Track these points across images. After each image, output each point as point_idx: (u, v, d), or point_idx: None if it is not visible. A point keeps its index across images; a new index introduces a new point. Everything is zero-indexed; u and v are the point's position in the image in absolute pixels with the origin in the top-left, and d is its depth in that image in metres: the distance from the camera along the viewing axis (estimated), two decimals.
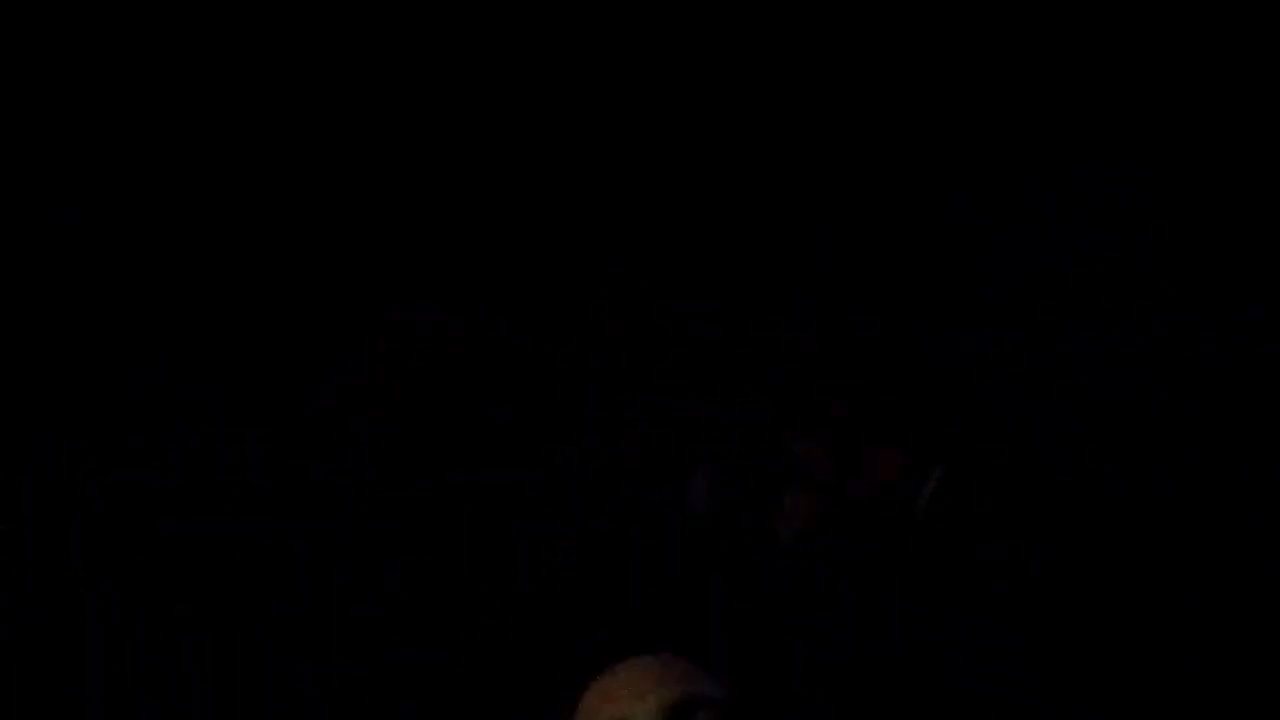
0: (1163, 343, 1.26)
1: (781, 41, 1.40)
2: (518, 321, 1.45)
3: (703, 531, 1.25)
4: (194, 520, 1.34)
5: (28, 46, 1.41)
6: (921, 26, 1.37)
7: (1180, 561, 1.11)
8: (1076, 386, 1.25)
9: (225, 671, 1.28)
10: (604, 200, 1.45)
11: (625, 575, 1.31)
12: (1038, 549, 1.18)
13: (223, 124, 1.46)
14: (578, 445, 1.36)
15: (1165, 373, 1.23)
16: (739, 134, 1.42)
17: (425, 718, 1.26)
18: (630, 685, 0.80)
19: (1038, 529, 1.19)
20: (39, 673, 1.25)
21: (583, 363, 1.41)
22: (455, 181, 1.48)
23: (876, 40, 1.39)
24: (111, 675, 1.26)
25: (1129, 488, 1.15)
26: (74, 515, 1.35)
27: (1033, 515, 1.20)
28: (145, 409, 1.39)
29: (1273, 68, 1.30)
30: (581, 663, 1.23)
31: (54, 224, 1.45)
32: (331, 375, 1.46)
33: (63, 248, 1.47)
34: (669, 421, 1.37)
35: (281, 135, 1.48)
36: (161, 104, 1.46)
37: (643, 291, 1.42)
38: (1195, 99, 1.33)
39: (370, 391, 1.45)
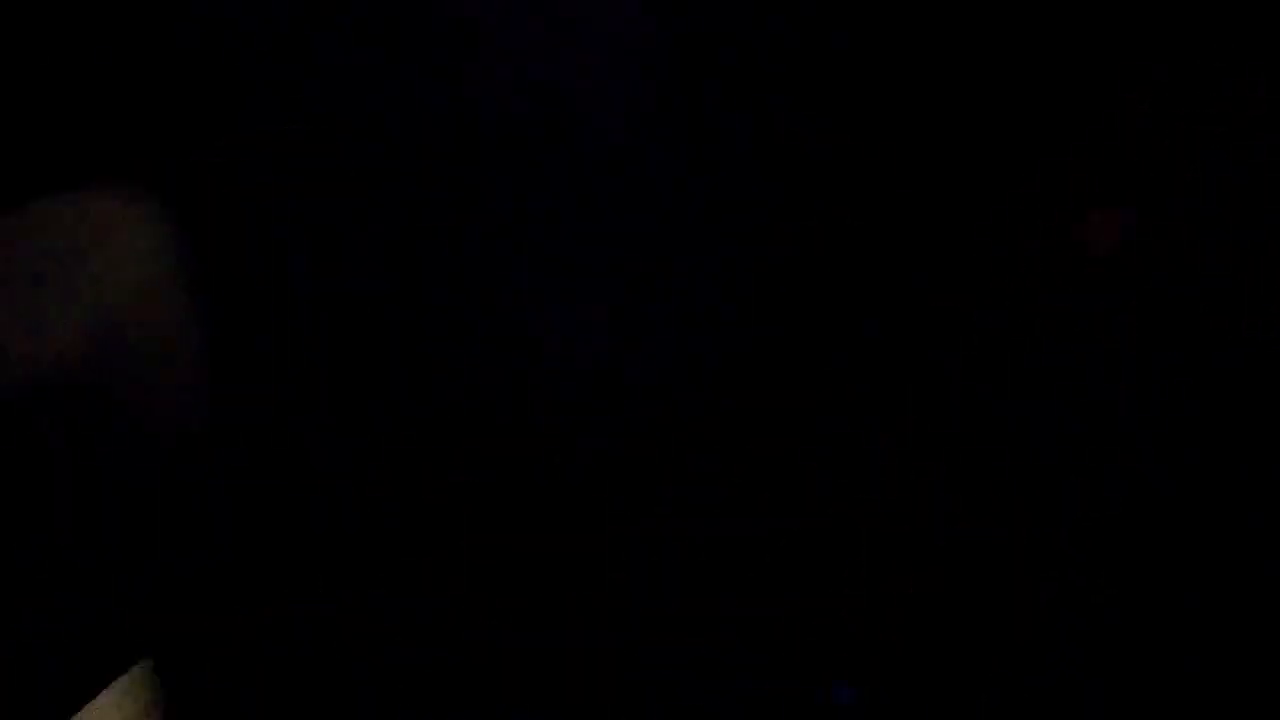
0: (1162, 342, 1.26)
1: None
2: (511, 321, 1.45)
3: None
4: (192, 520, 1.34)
5: None
6: (920, 26, 1.38)
7: (1180, 561, 1.11)
8: (1076, 386, 1.25)
9: (227, 668, 1.28)
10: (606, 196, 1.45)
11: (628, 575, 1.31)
12: (1038, 547, 1.18)
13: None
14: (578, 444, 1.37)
15: (1165, 373, 1.23)
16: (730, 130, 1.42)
17: (425, 717, 1.26)
18: None
19: (1038, 528, 1.19)
20: None
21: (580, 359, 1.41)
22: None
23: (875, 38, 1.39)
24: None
25: (1129, 488, 1.16)
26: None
27: (1033, 515, 1.21)
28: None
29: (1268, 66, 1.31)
30: (583, 661, 1.23)
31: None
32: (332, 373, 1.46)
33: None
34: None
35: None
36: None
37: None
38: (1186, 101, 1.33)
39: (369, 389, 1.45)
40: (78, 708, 1.20)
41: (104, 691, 1.22)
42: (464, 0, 1.45)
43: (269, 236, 1.46)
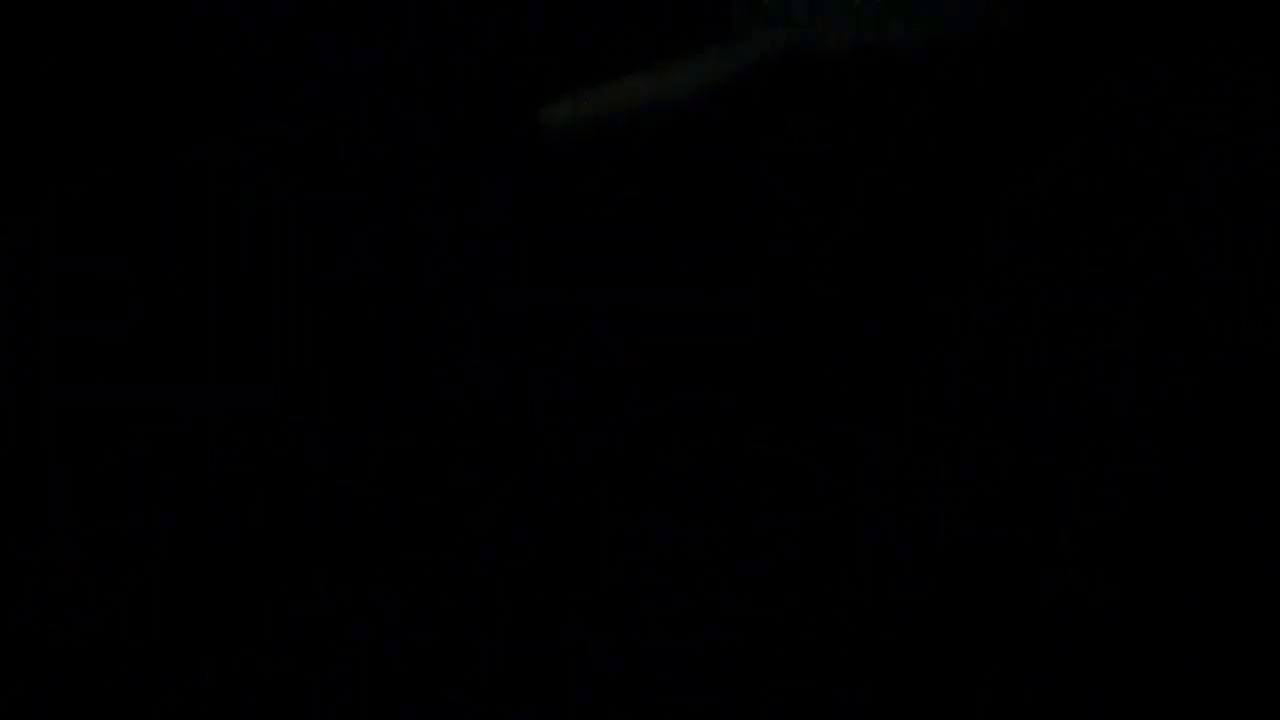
0: (1162, 342, 1.26)
1: None
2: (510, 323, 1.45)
3: None
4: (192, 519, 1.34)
5: None
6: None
7: (1180, 561, 1.11)
8: (1076, 386, 1.25)
9: (226, 666, 1.28)
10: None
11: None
12: (1039, 546, 1.18)
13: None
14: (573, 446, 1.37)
15: (1165, 373, 1.23)
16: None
17: (425, 717, 1.26)
18: None
19: (1038, 528, 1.19)
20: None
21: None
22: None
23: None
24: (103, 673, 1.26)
25: (1129, 488, 1.15)
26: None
27: (1033, 515, 1.20)
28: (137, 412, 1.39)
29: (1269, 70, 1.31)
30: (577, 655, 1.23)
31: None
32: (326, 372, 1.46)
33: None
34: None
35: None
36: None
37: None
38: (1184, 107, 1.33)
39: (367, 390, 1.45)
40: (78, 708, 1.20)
41: None
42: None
43: (269, 236, 1.46)
